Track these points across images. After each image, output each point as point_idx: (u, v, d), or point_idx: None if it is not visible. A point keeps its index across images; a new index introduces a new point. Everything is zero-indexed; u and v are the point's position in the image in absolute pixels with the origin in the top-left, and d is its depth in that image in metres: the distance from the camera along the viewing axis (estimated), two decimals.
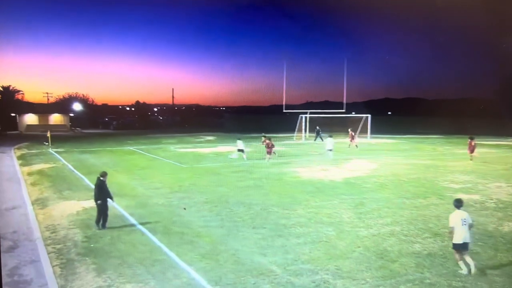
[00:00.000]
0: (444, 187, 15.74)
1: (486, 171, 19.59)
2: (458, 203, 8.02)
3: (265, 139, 25.44)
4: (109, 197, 10.53)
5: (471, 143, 22.97)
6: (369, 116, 41.73)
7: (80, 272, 7.85)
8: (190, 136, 46.03)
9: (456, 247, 7.86)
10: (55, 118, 62.65)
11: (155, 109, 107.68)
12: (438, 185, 16.08)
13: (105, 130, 62.55)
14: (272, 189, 15.39)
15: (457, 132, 45.08)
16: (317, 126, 39.75)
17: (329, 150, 24.67)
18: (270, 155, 23.03)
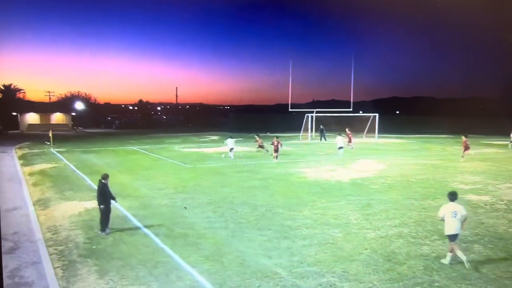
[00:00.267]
0: (454, 188, 15.40)
1: (497, 172, 19.38)
2: (452, 196, 8.23)
3: (258, 139, 25.84)
4: (112, 198, 10.38)
5: (465, 141, 23.32)
6: (377, 115, 41.28)
7: (82, 274, 7.78)
8: (194, 136, 46.02)
9: (449, 238, 8.21)
10: (57, 117, 62.69)
11: (159, 108, 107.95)
12: (448, 186, 15.85)
13: (108, 130, 62.75)
14: (278, 190, 15.25)
15: (467, 132, 44.34)
16: (321, 125, 39.36)
17: (340, 148, 24.75)
18: (278, 153, 23.43)
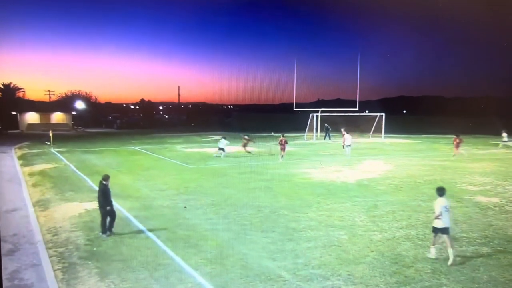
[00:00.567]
0: (462, 189, 15.36)
1: (506, 173, 19.17)
2: (441, 191, 8.49)
3: (247, 140, 26.18)
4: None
5: (456, 140, 23.78)
6: (383, 115, 40.84)
7: (82, 277, 7.69)
8: (197, 136, 45.90)
9: (437, 231, 8.39)
10: (57, 117, 62.27)
11: (161, 108, 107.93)
12: (456, 187, 15.69)
13: (109, 129, 62.62)
14: (282, 191, 15.11)
15: (476, 132, 44.06)
16: (326, 124, 38.96)
17: (348, 146, 24.73)
18: (284, 153, 23.65)
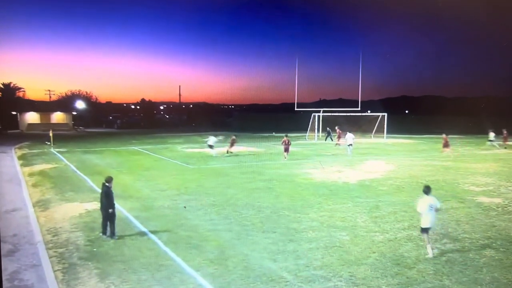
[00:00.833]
0: (464, 190, 15.30)
1: (509, 173, 19.13)
2: (427, 190, 8.73)
3: (233, 139, 26.62)
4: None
5: (446, 139, 24.37)
6: (386, 115, 40.74)
7: (83, 277, 7.66)
8: (198, 136, 45.76)
9: (424, 231, 8.63)
10: (57, 117, 62.09)
11: (161, 107, 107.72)
12: (458, 188, 15.65)
13: (109, 129, 62.66)
14: (283, 192, 15.07)
15: (479, 132, 43.79)
16: (328, 127, 38.97)
17: (349, 145, 24.77)
18: (288, 153, 23.84)
